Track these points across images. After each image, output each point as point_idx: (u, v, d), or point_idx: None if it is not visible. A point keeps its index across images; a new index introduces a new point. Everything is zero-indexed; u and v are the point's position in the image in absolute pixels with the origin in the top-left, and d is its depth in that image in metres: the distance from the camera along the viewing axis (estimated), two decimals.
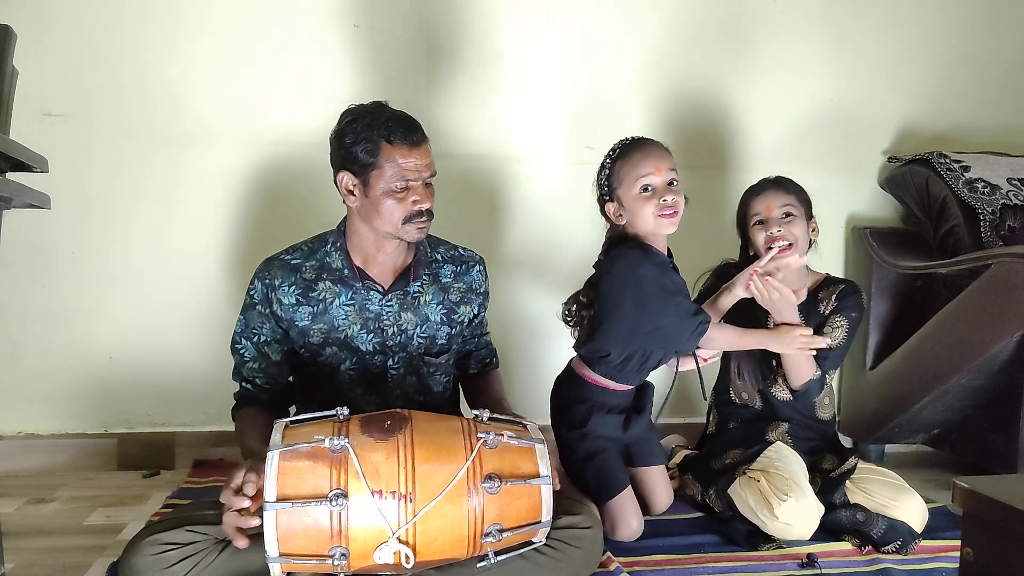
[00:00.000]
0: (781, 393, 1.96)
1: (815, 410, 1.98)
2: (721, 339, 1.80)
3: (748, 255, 1.98)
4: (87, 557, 1.60)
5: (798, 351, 1.80)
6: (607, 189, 1.75)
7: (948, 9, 2.65)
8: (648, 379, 1.90)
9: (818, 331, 1.87)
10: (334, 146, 1.53)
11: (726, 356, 2.05)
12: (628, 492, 1.79)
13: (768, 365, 1.95)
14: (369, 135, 1.46)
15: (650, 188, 1.67)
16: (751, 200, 1.94)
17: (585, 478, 1.79)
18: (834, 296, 1.92)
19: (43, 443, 2.18)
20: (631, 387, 1.84)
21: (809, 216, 1.93)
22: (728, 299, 1.86)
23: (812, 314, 1.92)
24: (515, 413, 1.44)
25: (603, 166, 1.77)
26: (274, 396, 1.61)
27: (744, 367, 1.99)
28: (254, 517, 1.19)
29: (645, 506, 1.86)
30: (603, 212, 1.78)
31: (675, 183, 1.69)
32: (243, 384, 1.62)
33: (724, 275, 2.06)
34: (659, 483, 1.92)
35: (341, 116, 1.53)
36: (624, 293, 1.68)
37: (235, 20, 2.22)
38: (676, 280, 1.72)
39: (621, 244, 1.74)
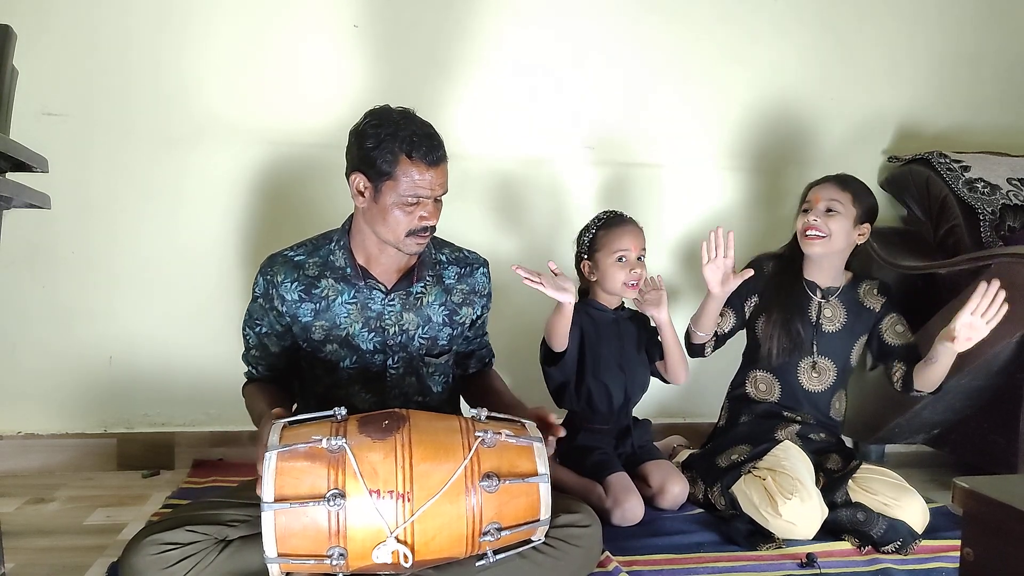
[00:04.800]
0: (808, 382, 1.99)
1: (829, 408, 2.02)
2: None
3: (796, 239, 2.04)
4: (87, 557, 1.60)
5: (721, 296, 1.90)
6: (587, 250, 2.01)
7: (948, 9, 2.65)
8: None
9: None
10: (352, 143, 1.51)
11: (753, 339, 2.06)
12: (626, 476, 1.89)
13: (803, 339, 1.97)
14: (391, 145, 1.45)
15: (624, 259, 1.94)
16: (811, 188, 2.03)
17: (585, 463, 1.93)
18: (876, 290, 2.04)
19: (43, 443, 2.19)
20: (612, 428, 2.04)
21: (863, 221, 1.98)
22: (713, 304, 1.96)
23: (856, 307, 2.02)
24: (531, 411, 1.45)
25: (587, 229, 2.03)
26: (275, 380, 1.65)
27: (771, 345, 1.99)
28: None
29: (660, 499, 1.93)
30: (577, 268, 2.05)
31: (642, 259, 1.98)
32: (248, 367, 1.66)
33: (755, 269, 2.00)
34: (670, 472, 1.97)
35: (365, 115, 1.51)
36: None
37: (237, 20, 2.22)
38: (584, 326, 1.98)
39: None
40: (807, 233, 1.95)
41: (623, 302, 2.08)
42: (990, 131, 2.67)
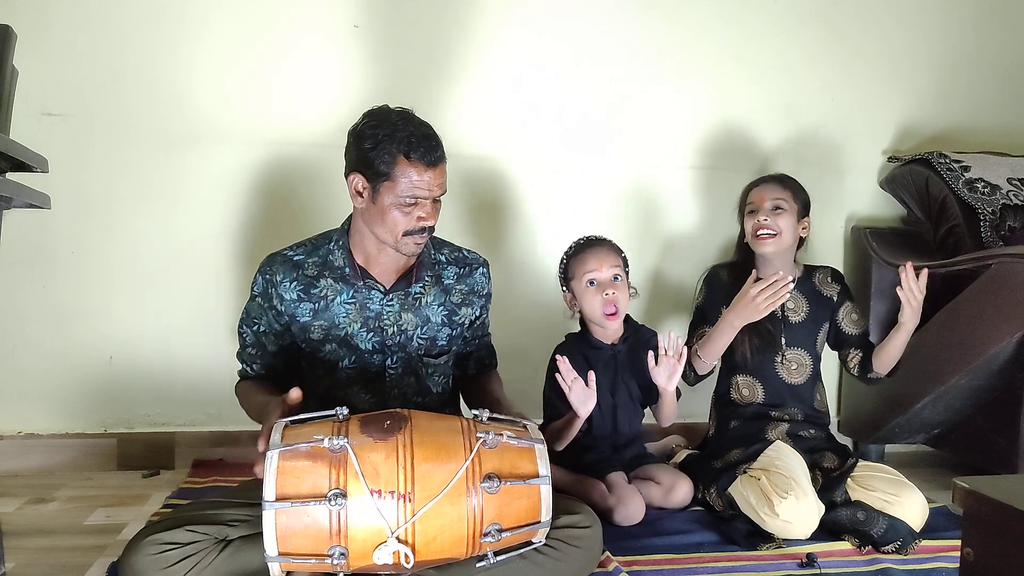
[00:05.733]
0: (788, 375, 2.02)
1: (813, 400, 2.05)
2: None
3: (743, 242, 2.11)
4: (87, 557, 1.60)
5: (766, 309, 1.87)
6: (563, 280, 1.99)
7: (948, 9, 2.65)
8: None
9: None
10: (351, 143, 1.51)
11: (729, 347, 2.06)
12: (624, 476, 1.90)
13: (770, 342, 2.01)
14: (389, 147, 1.45)
15: (595, 281, 1.90)
16: (751, 190, 2.08)
17: (581, 462, 1.92)
18: (829, 278, 2.10)
19: (43, 443, 2.19)
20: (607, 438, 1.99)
21: (803, 215, 2.05)
22: (729, 335, 1.94)
23: (816, 296, 2.07)
24: (518, 412, 1.44)
25: (561, 260, 2.02)
26: (270, 380, 1.63)
27: (742, 351, 2.01)
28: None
29: (668, 499, 1.92)
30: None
31: (619, 278, 1.91)
32: (243, 365, 1.65)
33: (715, 281, 2.09)
34: (675, 472, 1.97)
35: (364, 116, 1.51)
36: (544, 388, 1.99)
37: (236, 20, 2.22)
38: (578, 371, 1.78)
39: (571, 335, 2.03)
40: (758, 233, 1.99)
41: (625, 332, 1.99)
42: (990, 131, 2.67)
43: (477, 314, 1.69)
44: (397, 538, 1.16)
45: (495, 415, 1.33)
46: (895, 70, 2.63)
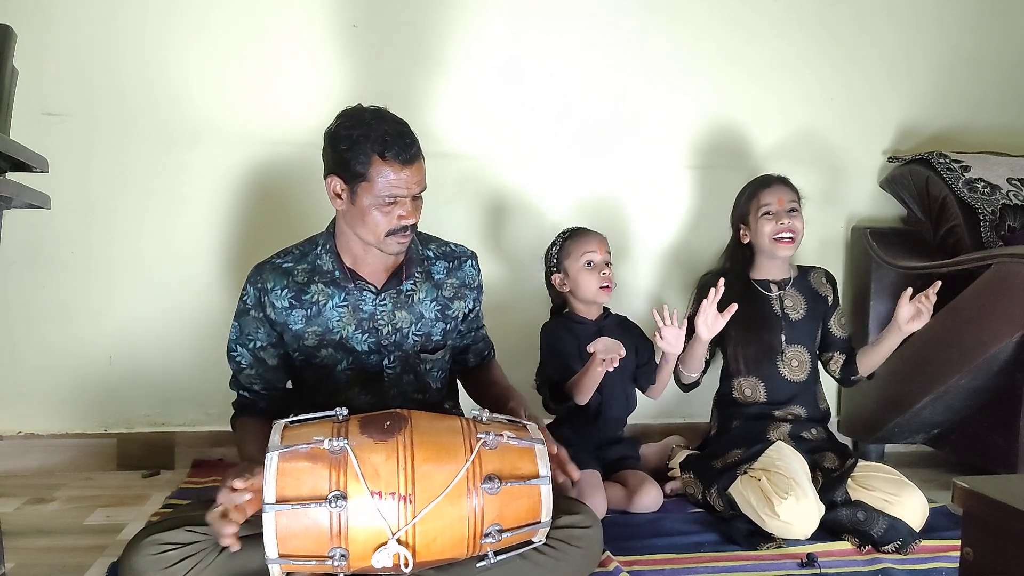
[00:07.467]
0: (790, 373, 2.03)
1: (816, 398, 2.06)
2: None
3: (742, 244, 2.09)
4: (87, 557, 1.60)
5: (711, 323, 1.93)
6: (555, 263, 2.06)
7: (948, 10, 2.65)
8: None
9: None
10: (327, 145, 1.51)
11: (726, 355, 2.09)
12: (598, 475, 1.91)
13: (771, 344, 2.02)
14: (363, 147, 1.44)
15: (592, 263, 2.00)
16: (760, 192, 2.05)
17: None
18: (823, 278, 2.13)
19: (43, 443, 2.19)
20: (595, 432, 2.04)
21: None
22: (700, 347, 1.99)
23: (812, 295, 2.09)
24: (521, 397, 1.46)
25: (553, 244, 2.09)
26: (272, 403, 1.60)
27: (743, 357, 2.03)
28: (236, 523, 1.21)
29: (632, 504, 1.92)
30: (548, 283, 2.11)
31: (610, 264, 2.05)
32: (241, 392, 1.61)
33: (707, 289, 2.06)
34: (645, 480, 1.96)
35: (338, 116, 1.50)
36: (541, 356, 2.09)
37: (235, 20, 2.22)
38: (568, 344, 2.02)
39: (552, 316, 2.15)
40: (779, 236, 2.00)
41: (605, 310, 2.11)
42: (990, 131, 2.67)
43: (470, 307, 1.69)
44: (398, 539, 1.16)
45: (495, 416, 1.33)
46: (894, 70, 2.63)
